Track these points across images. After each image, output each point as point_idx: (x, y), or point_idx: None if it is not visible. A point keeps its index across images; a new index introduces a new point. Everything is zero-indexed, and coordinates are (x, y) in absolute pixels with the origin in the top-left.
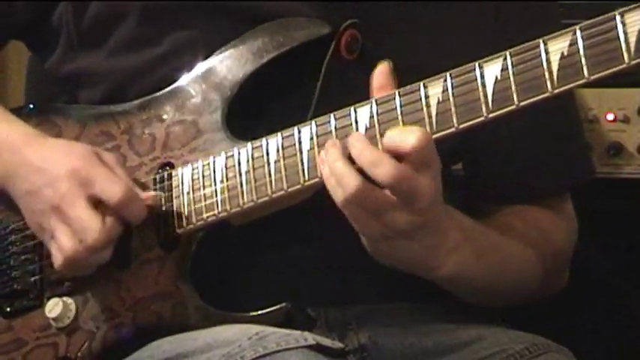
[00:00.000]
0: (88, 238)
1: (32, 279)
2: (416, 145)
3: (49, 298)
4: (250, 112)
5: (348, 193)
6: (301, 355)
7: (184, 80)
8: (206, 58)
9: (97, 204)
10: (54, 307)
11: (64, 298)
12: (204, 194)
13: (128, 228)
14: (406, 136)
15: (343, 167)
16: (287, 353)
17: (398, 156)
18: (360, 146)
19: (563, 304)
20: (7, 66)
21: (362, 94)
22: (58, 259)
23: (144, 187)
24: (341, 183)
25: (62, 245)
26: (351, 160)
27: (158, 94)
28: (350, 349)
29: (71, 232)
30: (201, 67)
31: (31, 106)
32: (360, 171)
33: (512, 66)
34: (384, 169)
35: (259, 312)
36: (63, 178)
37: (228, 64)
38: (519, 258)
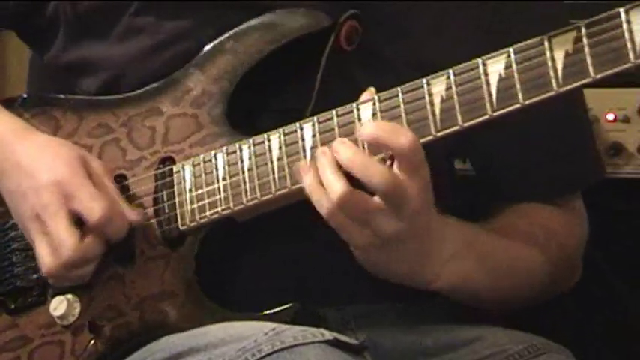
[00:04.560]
0: (62, 255)
1: (34, 276)
2: (407, 146)
3: (53, 296)
4: (251, 104)
5: (335, 200)
6: (319, 350)
7: (182, 71)
8: (203, 47)
9: (79, 219)
10: (58, 305)
11: (68, 296)
12: (207, 192)
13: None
14: (398, 135)
15: (331, 175)
16: (304, 347)
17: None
18: (350, 152)
19: (563, 304)
20: (8, 59)
21: (362, 86)
22: (42, 268)
23: (144, 183)
24: (328, 190)
25: (42, 259)
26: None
27: (156, 84)
28: (366, 345)
29: (49, 246)
30: (199, 58)
31: (25, 96)
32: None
33: (517, 63)
34: (378, 174)
35: (267, 312)
36: (47, 188)
37: (227, 56)
38: (525, 261)
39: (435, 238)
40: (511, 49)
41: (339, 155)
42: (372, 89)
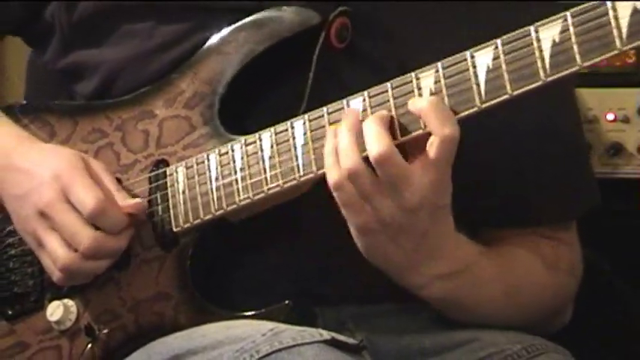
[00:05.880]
0: (80, 244)
1: (31, 282)
2: (447, 136)
3: (50, 301)
4: (243, 104)
5: (345, 169)
6: (318, 350)
7: (175, 74)
8: (197, 50)
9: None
10: (55, 310)
11: (65, 301)
12: (200, 192)
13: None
14: (445, 123)
15: (348, 144)
16: (303, 348)
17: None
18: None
19: None
20: (6, 65)
21: (354, 85)
22: (53, 270)
23: (138, 185)
24: (341, 157)
25: (55, 254)
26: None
27: (149, 87)
28: (364, 345)
29: (61, 240)
30: (191, 60)
31: (22, 104)
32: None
33: (504, 54)
34: (378, 141)
35: (261, 310)
36: (48, 184)
37: (218, 58)
38: (528, 286)
39: (437, 247)
40: (498, 41)
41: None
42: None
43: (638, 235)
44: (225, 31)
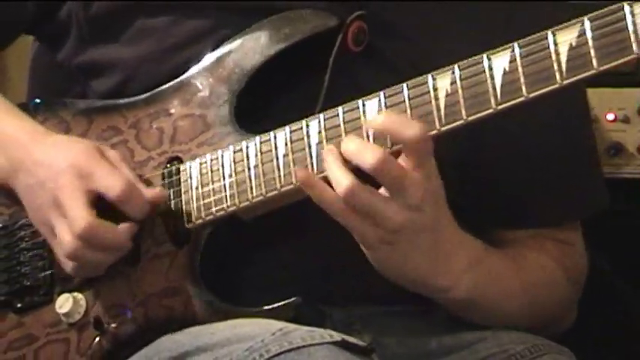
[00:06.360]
0: (75, 228)
1: (42, 275)
2: (415, 137)
3: (59, 294)
4: (258, 105)
5: (342, 193)
6: (327, 351)
7: (191, 73)
8: (214, 50)
9: (97, 200)
10: (64, 303)
11: (75, 294)
12: (213, 189)
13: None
14: (406, 127)
15: (337, 170)
16: (313, 348)
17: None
18: (346, 140)
19: None
20: (6, 65)
21: (369, 86)
22: (65, 261)
23: (150, 182)
24: (335, 185)
25: (62, 241)
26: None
27: (165, 86)
28: (374, 347)
29: (68, 226)
30: (208, 59)
31: (37, 101)
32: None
33: (521, 57)
34: (370, 152)
35: (270, 306)
36: (64, 171)
37: (235, 57)
38: (542, 284)
39: (449, 240)
40: (515, 44)
41: (342, 148)
42: None
43: (638, 235)
44: (243, 31)
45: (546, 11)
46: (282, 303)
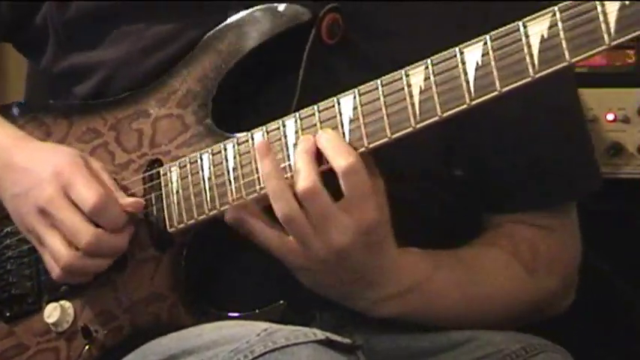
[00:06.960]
0: (81, 241)
1: (29, 283)
2: (343, 169)
3: (47, 302)
4: (236, 103)
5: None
6: (311, 350)
7: (169, 73)
8: (189, 50)
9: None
10: (52, 312)
11: (62, 302)
12: (194, 192)
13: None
14: (339, 155)
15: (278, 189)
16: (297, 348)
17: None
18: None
19: None
20: (6, 66)
21: (345, 79)
22: (54, 268)
23: (132, 186)
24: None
25: (56, 252)
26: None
27: (144, 87)
28: (358, 345)
29: (62, 237)
30: (184, 59)
31: (18, 104)
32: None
33: (493, 50)
34: (303, 177)
35: (256, 310)
36: (48, 180)
37: (211, 56)
38: (499, 287)
39: (374, 277)
40: (487, 37)
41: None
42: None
43: (638, 235)
44: (217, 28)
45: (524, 5)
46: (269, 307)
